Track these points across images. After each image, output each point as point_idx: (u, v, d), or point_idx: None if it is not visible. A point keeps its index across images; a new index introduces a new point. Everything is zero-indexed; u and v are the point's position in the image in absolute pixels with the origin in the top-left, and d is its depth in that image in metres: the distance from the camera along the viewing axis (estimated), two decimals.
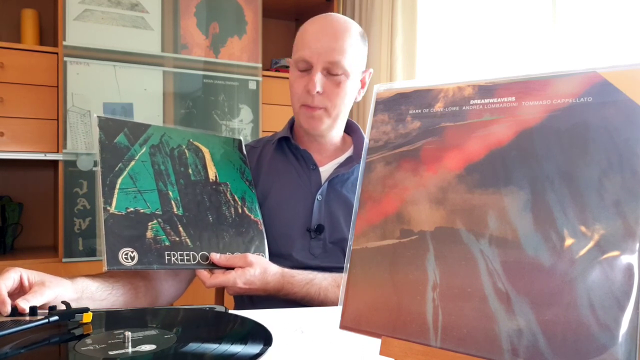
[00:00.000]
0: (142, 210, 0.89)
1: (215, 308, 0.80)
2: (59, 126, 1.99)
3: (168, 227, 0.91)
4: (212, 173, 1.02)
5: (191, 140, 1.02)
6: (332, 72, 1.03)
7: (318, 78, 1.02)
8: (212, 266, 0.92)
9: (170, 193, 0.94)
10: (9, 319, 0.71)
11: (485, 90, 0.52)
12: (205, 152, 1.03)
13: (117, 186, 0.89)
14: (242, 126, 2.28)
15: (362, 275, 0.54)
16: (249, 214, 1.03)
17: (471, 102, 0.52)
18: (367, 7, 2.46)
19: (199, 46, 2.19)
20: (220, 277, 0.91)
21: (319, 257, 1.04)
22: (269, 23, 2.63)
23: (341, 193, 1.08)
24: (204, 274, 0.92)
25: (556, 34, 1.70)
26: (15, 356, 0.57)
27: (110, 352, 0.58)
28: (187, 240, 0.92)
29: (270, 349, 0.60)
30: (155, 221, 0.90)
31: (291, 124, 1.17)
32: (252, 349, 0.59)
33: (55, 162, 2.03)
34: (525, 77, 0.50)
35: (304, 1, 2.57)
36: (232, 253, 0.95)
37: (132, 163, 0.92)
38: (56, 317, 0.66)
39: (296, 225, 1.05)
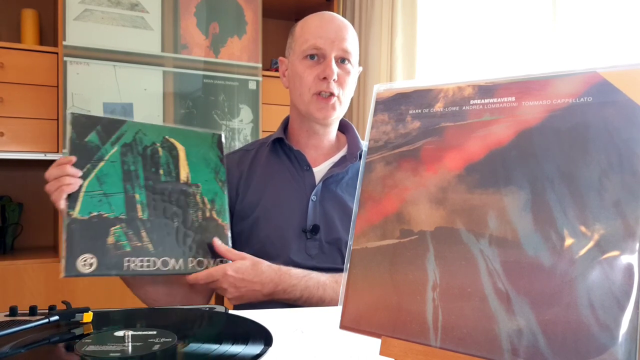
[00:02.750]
0: (105, 215, 0.88)
1: (215, 308, 0.80)
2: (59, 126, 1.99)
3: (131, 232, 0.89)
4: (184, 174, 0.99)
5: (167, 137, 1.00)
6: (343, 61, 1.06)
7: (333, 67, 1.04)
8: (172, 273, 0.92)
9: (137, 196, 0.92)
10: (8, 318, 0.71)
11: (485, 90, 0.52)
12: (181, 149, 1.00)
13: (83, 189, 0.87)
14: (242, 126, 2.28)
15: (362, 275, 0.54)
16: (217, 217, 1.01)
17: (471, 102, 0.52)
18: (367, 7, 2.46)
19: (199, 46, 2.19)
20: (210, 269, 0.92)
21: (315, 258, 1.04)
22: (269, 23, 2.63)
23: (336, 193, 1.08)
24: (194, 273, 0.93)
25: (556, 34, 1.70)
26: (15, 356, 0.57)
27: (110, 352, 0.58)
28: (149, 245, 0.91)
29: (270, 349, 0.60)
30: (118, 226, 0.88)
31: (285, 125, 1.17)
32: (253, 349, 0.59)
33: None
34: (525, 77, 0.50)
35: (304, 1, 2.57)
36: (195, 259, 0.94)
37: (101, 164, 0.90)
38: (56, 317, 0.66)
39: (292, 226, 1.05)
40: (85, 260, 0.84)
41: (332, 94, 1.05)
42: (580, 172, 0.44)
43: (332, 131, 1.14)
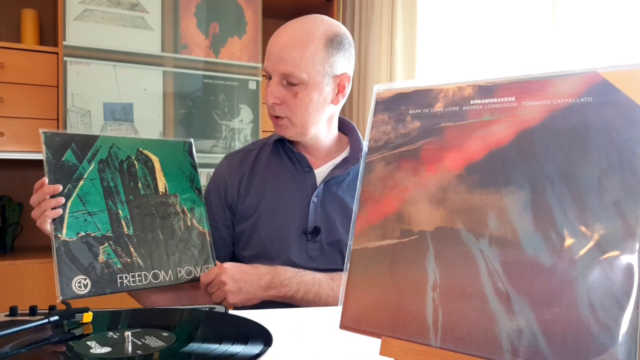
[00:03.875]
0: (93, 234, 0.89)
1: (215, 308, 0.81)
2: (58, 126, 1.99)
3: (119, 249, 0.91)
4: (161, 185, 1.00)
5: (141, 149, 1.00)
6: (290, 82, 1.00)
7: (272, 90, 1.01)
8: (163, 285, 0.94)
9: (120, 212, 0.93)
10: (8, 318, 0.71)
11: (485, 90, 0.52)
12: (155, 160, 1.01)
13: (67, 210, 0.88)
14: (242, 126, 2.28)
15: (362, 275, 0.54)
16: (198, 225, 1.02)
17: (471, 102, 0.52)
18: (367, 7, 2.46)
19: (199, 46, 2.18)
20: (211, 269, 0.98)
21: (316, 259, 1.04)
22: (269, 23, 2.63)
23: (337, 195, 1.07)
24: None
25: (556, 34, 1.70)
26: (15, 356, 0.57)
27: (110, 352, 0.58)
28: (139, 260, 0.92)
29: (270, 349, 0.60)
30: (106, 244, 0.90)
31: None
32: (252, 349, 0.59)
33: None
34: (525, 77, 0.50)
35: (304, 1, 2.57)
36: (183, 268, 0.97)
37: (81, 183, 0.90)
38: (56, 317, 0.66)
39: (292, 227, 1.05)
40: (79, 282, 0.85)
41: (280, 117, 1.04)
42: (580, 172, 0.44)
43: (322, 139, 1.11)
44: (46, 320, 0.65)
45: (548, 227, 0.44)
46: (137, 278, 0.91)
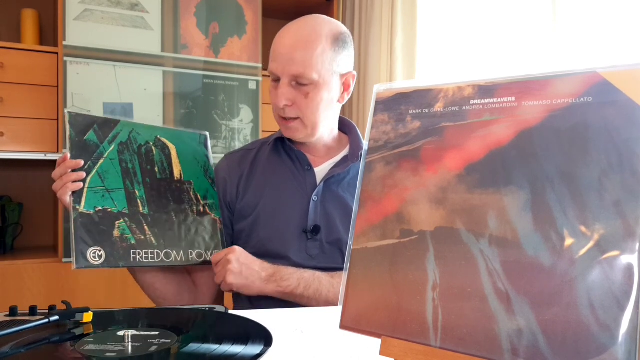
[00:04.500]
0: (109, 209, 0.93)
1: (215, 308, 0.81)
2: (59, 126, 1.99)
3: (134, 226, 0.94)
4: (177, 171, 1.05)
5: (159, 136, 1.05)
6: (300, 83, 1.00)
7: (283, 92, 1.00)
8: (174, 264, 0.98)
9: (137, 192, 0.97)
10: (8, 318, 0.71)
11: (485, 90, 0.52)
12: (172, 148, 1.06)
13: (87, 185, 0.92)
14: (242, 126, 2.28)
15: (362, 275, 0.54)
16: (210, 212, 1.07)
17: (471, 102, 0.52)
18: (367, 7, 2.46)
19: (199, 46, 2.18)
20: (223, 250, 1.00)
21: (316, 258, 1.04)
22: (269, 23, 2.63)
23: (337, 193, 1.07)
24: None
25: (556, 34, 1.70)
26: (15, 356, 0.57)
27: (110, 352, 0.58)
28: (152, 238, 0.96)
29: (270, 349, 0.60)
30: (122, 220, 0.93)
31: None
32: (253, 349, 0.59)
33: (55, 162, 2.03)
34: (525, 77, 0.50)
35: (304, 1, 2.57)
36: (194, 250, 1.01)
37: (101, 161, 0.95)
38: (56, 317, 0.66)
39: (292, 226, 1.05)
40: (94, 253, 0.88)
41: (291, 118, 1.04)
42: (580, 172, 0.44)
43: (324, 138, 1.11)
44: (46, 320, 0.65)
45: (548, 227, 0.44)
46: (149, 255, 0.94)
